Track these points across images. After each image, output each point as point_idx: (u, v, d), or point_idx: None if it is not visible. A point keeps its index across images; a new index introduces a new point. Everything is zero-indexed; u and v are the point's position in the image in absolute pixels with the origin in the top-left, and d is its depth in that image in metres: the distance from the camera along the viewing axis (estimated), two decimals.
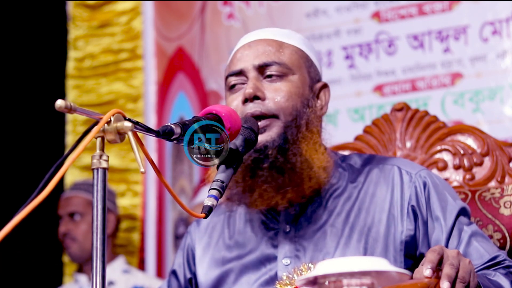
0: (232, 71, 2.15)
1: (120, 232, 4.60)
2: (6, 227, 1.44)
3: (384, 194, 2.11)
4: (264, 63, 2.12)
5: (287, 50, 2.15)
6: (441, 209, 2.10)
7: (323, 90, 2.21)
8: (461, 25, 3.90)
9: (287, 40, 2.18)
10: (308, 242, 2.10)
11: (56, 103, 1.55)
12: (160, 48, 4.83)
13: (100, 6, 5.04)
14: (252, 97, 2.08)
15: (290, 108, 2.09)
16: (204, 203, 1.81)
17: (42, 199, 1.47)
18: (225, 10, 4.62)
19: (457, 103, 3.89)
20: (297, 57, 2.15)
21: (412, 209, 2.09)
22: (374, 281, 1.50)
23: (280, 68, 2.12)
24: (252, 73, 2.12)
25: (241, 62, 2.14)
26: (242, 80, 2.13)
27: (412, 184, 2.11)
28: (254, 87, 2.09)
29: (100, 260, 1.55)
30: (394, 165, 2.15)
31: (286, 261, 2.10)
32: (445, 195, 2.12)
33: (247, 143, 1.96)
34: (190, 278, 2.27)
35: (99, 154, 1.59)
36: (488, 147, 2.43)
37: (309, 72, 2.17)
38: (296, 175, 2.07)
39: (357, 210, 2.11)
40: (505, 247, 2.25)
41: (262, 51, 2.13)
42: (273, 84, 2.11)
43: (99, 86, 4.98)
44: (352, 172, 2.18)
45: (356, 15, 4.18)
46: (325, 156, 2.13)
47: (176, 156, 4.74)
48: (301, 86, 2.13)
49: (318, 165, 2.09)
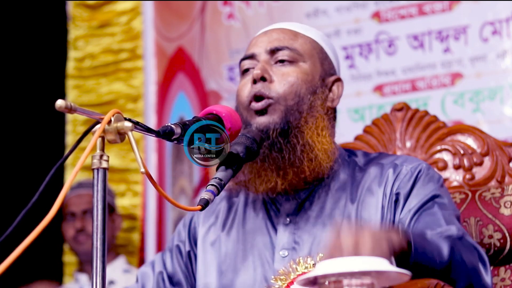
0: (245, 55, 2.20)
1: (120, 232, 4.60)
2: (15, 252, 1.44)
3: (378, 188, 2.12)
4: (276, 47, 2.16)
5: (301, 39, 2.19)
6: (418, 194, 2.08)
7: (336, 83, 2.23)
8: (461, 25, 3.89)
9: (304, 31, 2.22)
10: (307, 235, 2.10)
11: (56, 103, 1.55)
12: (160, 48, 4.83)
13: (100, 6, 5.04)
14: (260, 78, 2.11)
15: (293, 93, 2.11)
16: (201, 196, 1.81)
17: (51, 217, 1.47)
18: (225, 10, 4.62)
19: (457, 103, 3.89)
20: (310, 47, 2.19)
21: (396, 197, 2.09)
22: (374, 281, 1.50)
23: (291, 53, 2.15)
24: (263, 56, 2.16)
25: (255, 47, 2.19)
26: (254, 64, 2.17)
27: (402, 175, 2.11)
28: (262, 68, 2.13)
29: (100, 260, 1.56)
30: (394, 162, 2.16)
31: (284, 252, 2.10)
32: (432, 187, 2.10)
33: (248, 151, 1.98)
34: (189, 251, 2.26)
35: (99, 154, 1.59)
36: (488, 147, 2.43)
37: (322, 64, 2.20)
38: (296, 156, 2.08)
39: (356, 205, 2.12)
40: (505, 247, 2.25)
41: (276, 37, 2.18)
42: (282, 68, 2.15)
43: (99, 86, 4.98)
44: (354, 167, 2.18)
45: (356, 15, 4.18)
46: (328, 140, 2.13)
47: (176, 156, 4.74)
48: (310, 74, 2.16)
49: (319, 148, 2.11)
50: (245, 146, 1.98)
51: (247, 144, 1.99)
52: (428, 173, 2.13)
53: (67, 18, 5.10)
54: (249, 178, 2.11)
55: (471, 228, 2.29)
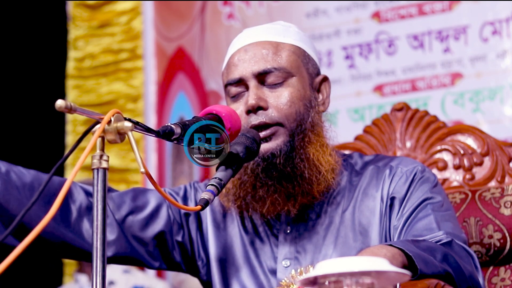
0: (231, 79, 2.12)
1: None
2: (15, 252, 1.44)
3: (375, 192, 2.11)
4: (264, 71, 2.09)
5: (284, 52, 2.12)
6: (411, 198, 2.08)
7: (323, 83, 2.20)
8: (461, 25, 3.90)
9: (283, 38, 2.15)
10: (308, 244, 2.10)
11: (56, 103, 1.55)
12: (160, 48, 4.84)
13: (100, 6, 5.04)
14: (255, 108, 2.07)
15: (294, 114, 2.08)
16: (201, 196, 1.81)
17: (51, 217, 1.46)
18: (225, 10, 4.62)
19: (457, 103, 3.89)
20: (295, 58, 2.13)
21: (391, 201, 2.08)
22: (374, 281, 1.50)
23: (280, 73, 2.10)
24: (252, 82, 2.10)
25: (239, 69, 2.11)
26: (243, 88, 2.11)
27: (397, 177, 2.11)
28: (256, 98, 2.07)
29: (100, 260, 1.55)
30: (389, 164, 2.15)
31: (286, 262, 2.09)
32: (425, 189, 2.10)
33: (248, 151, 1.96)
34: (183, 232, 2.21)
35: (99, 154, 1.59)
36: (488, 147, 2.43)
37: (308, 69, 2.16)
38: (305, 181, 2.07)
39: (352, 209, 2.11)
40: (505, 247, 2.25)
41: (259, 57, 2.11)
42: (275, 91, 2.10)
43: (99, 86, 4.99)
44: (352, 172, 2.18)
45: (356, 15, 4.18)
46: (332, 156, 2.12)
47: (176, 156, 4.74)
48: (302, 88, 2.12)
49: (326, 169, 2.08)
50: (245, 146, 1.97)
51: (247, 144, 1.98)
52: (423, 175, 2.12)
53: (67, 18, 5.11)
54: (262, 209, 2.09)
55: (471, 228, 2.28)
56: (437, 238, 1.97)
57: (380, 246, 1.82)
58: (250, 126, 2.06)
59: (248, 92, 2.10)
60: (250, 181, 2.06)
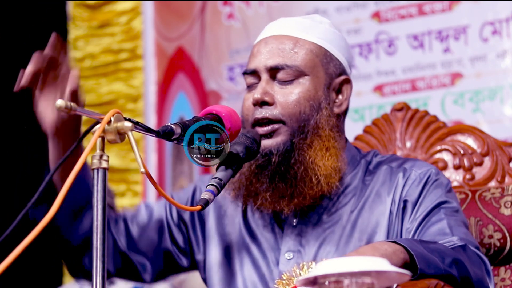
0: (248, 69, 2.14)
1: None
2: (15, 252, 1.44)
3: (387, 195, 2.11)
4: (276, 66, 2.09)
5: (301, 49, 2.11)
6: (425, 202, 2.08)
7: (345, 85, 2.19)
8: (461, 25, 3.90)
9: (305, 35, 2.14)
10: (313, 239, 2.09)
11: (56, 103, 1.55)
12: (160, 48, 4.84)
13: (100, 6, 5.04)
14: (260, 102, 2.08)
15: (298, 113, 2.07)
16: (201, 196, 1.81)
17: (51, 216, 1.46)
18: (225, 10, 4.63)
19: (457, 103, 3.90)
20: (312, 57, 2.12)
21: (404, 204, 2.08)
22: (374, 281, 1.50)
23: (291, 71, 2.09)
24: (264, 75, 2.10)
25: (256, 60, 2.13)
26: (257, 80, 2.12)
27: (411, 180, 2.10)
28: (262, 92, 2.08)
29: (100, 260, 1.55)
30: (403, 166, 2.14)
31: (289, 255, 2.09)
32: (439, 193, 2.09)
33: (248, 151, 1.97)
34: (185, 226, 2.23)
35: (99, 154, 1.59)
36: (488, 147, 2.43)
37: (327, 69, 2.14)
38: (298, 183, 2.06)
39: (361, 208, 2.11)
40: (505, 247, 2.25)
41: (275, 51, 2.11)
42: (284, 88, 2.10)
43: (99, 86, 4.99)
44: (365, 170, 2.17)
45: (356, 15, 4.18)
46: (334, 159, 2.10)
47: (176, 156, 4.74)
48: (313, 88, 2.11)
49: (323, 173, 2.07)
50: (245, 146, 1.98)
51: (247, 144, 1.98)
52: (437, 178, 2.11)
53: (67, 18, 5.11)
54: (256, 203, 2.09)
55: (471, 228, 2.28)
56: (451, 242, 1.97)
57: (383, 242, 1.82)
58: (253, 119, 2.07)
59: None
60: (247, 174, 2.07)
